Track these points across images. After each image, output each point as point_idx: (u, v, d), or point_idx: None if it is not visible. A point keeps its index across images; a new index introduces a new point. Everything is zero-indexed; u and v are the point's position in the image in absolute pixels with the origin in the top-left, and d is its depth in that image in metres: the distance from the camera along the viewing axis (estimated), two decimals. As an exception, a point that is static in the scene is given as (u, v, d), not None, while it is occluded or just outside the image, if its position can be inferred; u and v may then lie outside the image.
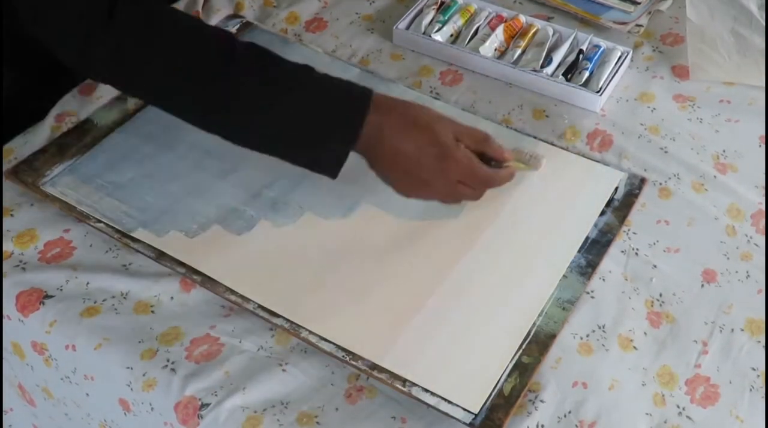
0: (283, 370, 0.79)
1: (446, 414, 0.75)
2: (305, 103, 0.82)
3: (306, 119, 0.82)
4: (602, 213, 0.92)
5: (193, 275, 0.85)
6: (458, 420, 0.75)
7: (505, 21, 1.13)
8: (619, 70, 1.07)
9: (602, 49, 1.09)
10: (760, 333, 0.83)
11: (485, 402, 0.76)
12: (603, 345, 0.81)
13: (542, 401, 0.77)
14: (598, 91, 1.04)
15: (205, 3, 1.15)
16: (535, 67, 1.07)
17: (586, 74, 1.06)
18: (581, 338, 0.82)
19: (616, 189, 0.95)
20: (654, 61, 1.12)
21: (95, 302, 0.84)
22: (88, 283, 0.85)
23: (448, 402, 0.76)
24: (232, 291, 0.84)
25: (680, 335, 0.83)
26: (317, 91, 0.83)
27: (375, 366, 0.78)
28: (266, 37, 1.12)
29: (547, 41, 1.10)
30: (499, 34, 1.11)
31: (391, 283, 0.85)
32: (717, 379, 0.80)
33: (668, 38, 1.15)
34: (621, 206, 0.93)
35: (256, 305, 0.83)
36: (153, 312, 0.83)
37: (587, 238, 0.89)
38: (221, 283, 0.84)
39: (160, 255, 0.87)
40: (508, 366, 0.78)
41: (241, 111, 0.82)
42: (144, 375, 0.79)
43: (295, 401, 0.77)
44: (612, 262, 0.88)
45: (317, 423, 0.76)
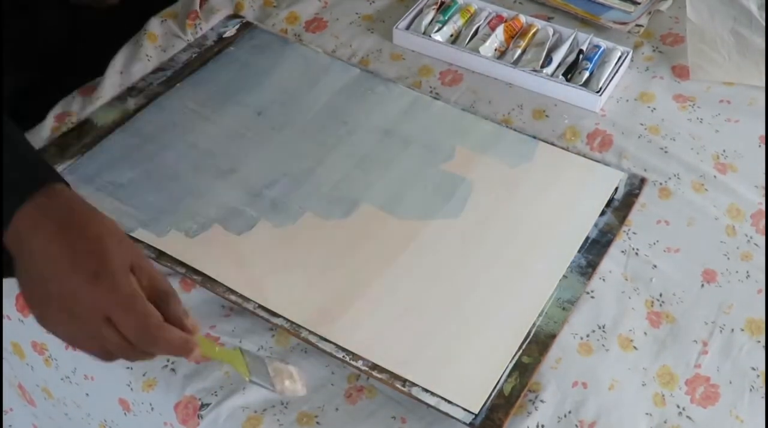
0: (283, 370, 0.79)
1: (446, 414, 0.75)
2: None
3: None
4: (602, 213, 0.92)
5: (193, 275, 0.85)
6: (458, 420, 0.75)
7: (505, 21, 1.13)
8: (619, 70, 1.07)
9: (602, 49, 1.09)
10: (760, 333, 0.83)
11: (485, 402, 0.76)
12: (603, 345, 0.81)
13: (542, 401, 0.77)
14: (598, 91, 1.04)
15: (204, 3, 1.14)
16: (535, 67, 1.07)
17: (586, 74, 1.06)
18: (581, 338, 0.82)
19: (616, 189, 0.95)
20: (654, 61, 1.12)
21: (95, 302, 0.84)
22: (88, 283, 0.85)
23: (448, 402, 0.76)
24: (232, 291, 0.84)
25: (680, 335, 0.83)
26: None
27: (375, 366, 0.78)
28: (266, 37, 1.12)
29: (547, 41, 1.09)
30: (499, 34, 1.11)
31: (391, 283, 0.85)
32: (717, 379, 0.80)
33: (668, 38, 1.15)
34: (621, 206, 0.93)
35: (256, 305, 0.83)
36: (153, 312, 0.83)
37: (587, 238, 0.89)
38: (221, 283, 0.84)
39: (160, 255, 0.87)
40: (508, 366, 0.78)
41: None
42: (144, 375, 0.79)
43: (295, 401, 0.77)
44: (612, 262, 0.88)
45: (317, 423, 0.76)
